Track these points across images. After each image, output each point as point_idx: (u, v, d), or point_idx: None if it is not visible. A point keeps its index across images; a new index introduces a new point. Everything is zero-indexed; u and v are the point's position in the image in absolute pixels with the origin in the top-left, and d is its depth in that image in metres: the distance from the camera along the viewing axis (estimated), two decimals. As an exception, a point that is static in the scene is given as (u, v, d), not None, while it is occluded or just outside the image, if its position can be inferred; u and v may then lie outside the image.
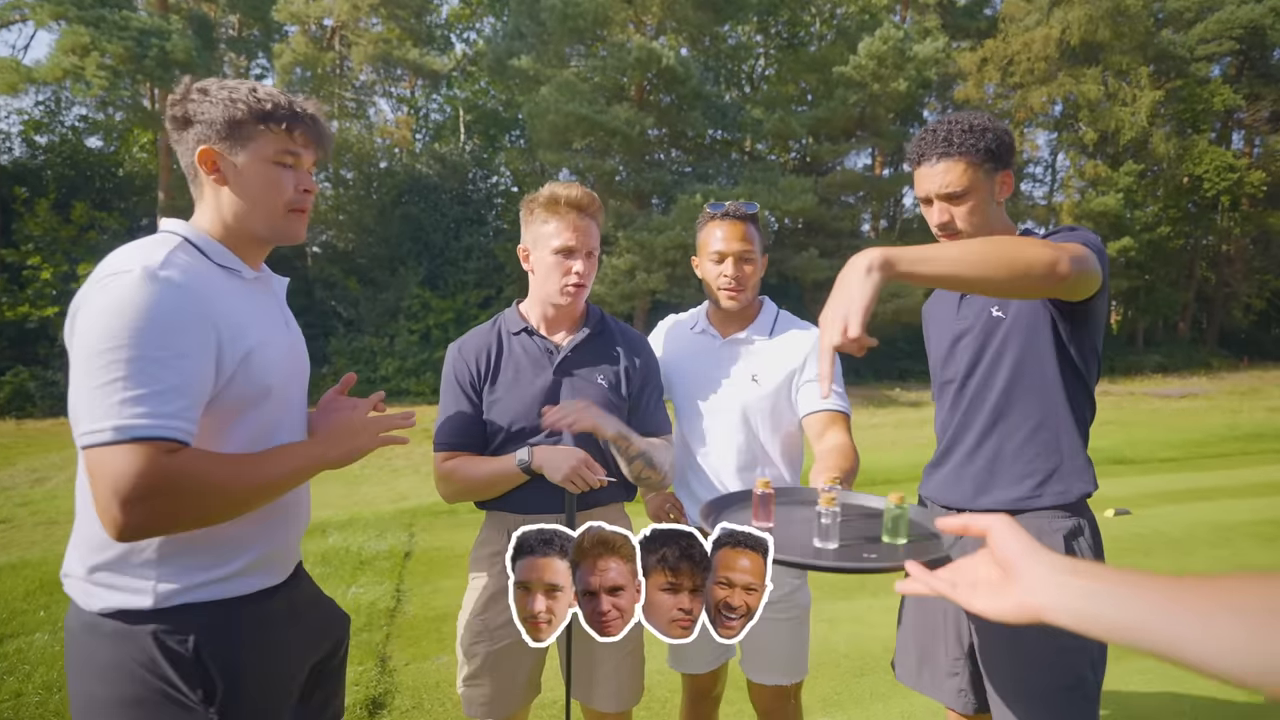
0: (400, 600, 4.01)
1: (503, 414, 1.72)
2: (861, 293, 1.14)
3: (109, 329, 1.05)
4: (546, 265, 1.73)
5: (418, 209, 19.37)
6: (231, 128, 1.21)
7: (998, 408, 1.62)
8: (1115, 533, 5.10)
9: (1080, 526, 1.58)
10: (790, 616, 1.89)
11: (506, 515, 1.73)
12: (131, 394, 1.04)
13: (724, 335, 1.97)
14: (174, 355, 1.07)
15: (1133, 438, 9.92)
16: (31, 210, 15.48)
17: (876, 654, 3.28)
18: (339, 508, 6.01)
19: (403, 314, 18.25)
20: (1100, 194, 22.43)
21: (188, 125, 1.23)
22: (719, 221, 1.90)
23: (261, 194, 1.25)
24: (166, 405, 1.06)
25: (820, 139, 21.52)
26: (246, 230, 1.27)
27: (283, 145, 1.25)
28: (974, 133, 1.56)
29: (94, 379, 1.04)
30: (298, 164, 1.28)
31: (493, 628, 1.71)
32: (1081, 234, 1.49)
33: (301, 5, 20.34)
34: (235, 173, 1.23)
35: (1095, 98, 22.33)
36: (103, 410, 1.03)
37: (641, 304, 18.12)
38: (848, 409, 1.90)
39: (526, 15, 18.58)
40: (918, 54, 19.66)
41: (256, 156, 1.23)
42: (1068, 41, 21.85)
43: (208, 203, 1.26)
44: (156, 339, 1.06)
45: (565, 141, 18.18)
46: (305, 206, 1.31)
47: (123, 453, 1.03)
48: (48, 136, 18.25)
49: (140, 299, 1.06)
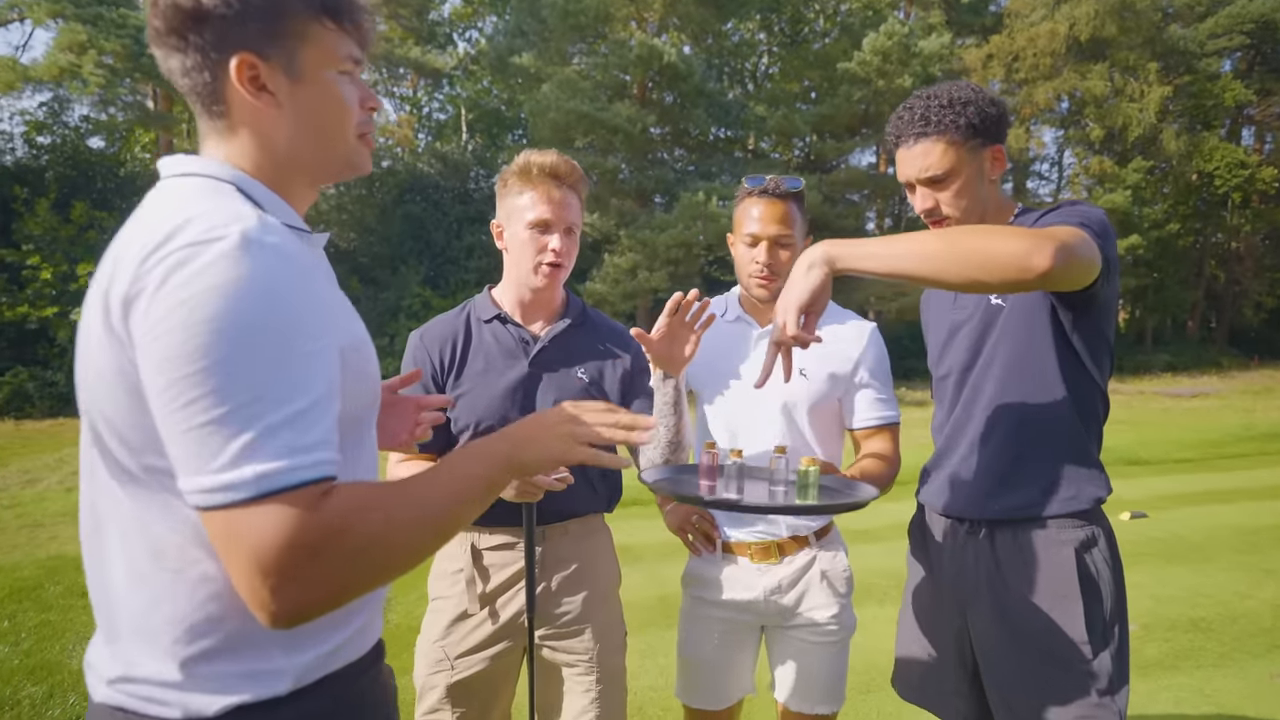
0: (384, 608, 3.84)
1: (469, 410, 1.54)
2: (800, 290, 1.16)
3: (214, 331, 0.70)
4: (520, 241, 1.54)
5: (419, 208, 19.27)
6: (276, 22, 0.84)
7: (997, 405, 1.45)
8: (1132, 536, 4.90)
9: (1094, 536, 1.41)
10: (836, 640, 1.71)
11: (469, 528, 1.55)
12: (266, 424, 0.71)
13: (762, 324, 1.77)
14: (308, 355, 0.75)
15: (1145, 437, 9.69)
16: (31, 210, 15.39)
17: (883, 668, 3.05)
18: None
19: (403, 313, 18.15)
20: (1108, 191, 22.17)
21: (201, 23, 0.81)
22: (756, 199, 1.69)
23: (329, 118, 0.89)
24: (309, 433, 0.73)
25: (824, 136, 21.33)
26: (304, 169, 0.91)
27: (347, 48, 0.90)
28: (953, 107, 1.39)
29: (204, 408, 0.70)
30: (356, 73, 0.93)
31: (454, 656, 1.52)
32: (1081, 211, 1.31)
33: (302, 4, 20.26)
34: (289, 90, 0.86)
35: (1102, 94, 22.07)
36: (228, 454, 0.70)
37: (643, 303, 17.97)
38: (898, 417, 1.76)
39: (528, 13, 18.47)
40: (922, 50, 19.45)
41: (317, 63, 0.87)
42: (1074, 37, 21.59)
43: (244, 139, 0.87)
44: (287, 338, 0.73)
45: (567, 140, 18.05)
46: (372, 131, 0.96)
47: (268, 513, 0.70)
48: (50, 137, 18.23)
49: (256, 280, 0.72)
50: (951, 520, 1.52)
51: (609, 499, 1.65)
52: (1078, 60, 22.31)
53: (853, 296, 19.23)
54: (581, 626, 1.56)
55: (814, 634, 1.70)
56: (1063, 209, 1.35)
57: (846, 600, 1.74)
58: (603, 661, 1.57)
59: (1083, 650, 1.35)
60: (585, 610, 1.57)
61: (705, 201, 16.38)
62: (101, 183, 17.82)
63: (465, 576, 1.52)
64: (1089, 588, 1.38)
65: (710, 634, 1.74)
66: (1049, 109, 23.39)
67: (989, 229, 1.20)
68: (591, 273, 17.68)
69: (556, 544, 1.56)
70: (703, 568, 1.77)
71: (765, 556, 1.70)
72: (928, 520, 1.61)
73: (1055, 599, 1.38)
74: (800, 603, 1.70)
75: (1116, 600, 1.41)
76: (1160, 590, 4.05)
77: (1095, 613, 1.37)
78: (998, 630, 1.43)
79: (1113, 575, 1.42)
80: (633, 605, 3.79)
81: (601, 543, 1.65)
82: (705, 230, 16.26)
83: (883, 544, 4.35)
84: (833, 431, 1.76)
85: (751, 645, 1.78)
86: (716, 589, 1.74)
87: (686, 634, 1.80)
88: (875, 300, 18.78)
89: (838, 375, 1.71)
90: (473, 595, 1.51)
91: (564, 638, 1.56)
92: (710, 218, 15.94)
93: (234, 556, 0.72)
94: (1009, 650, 1.41)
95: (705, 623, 1.75)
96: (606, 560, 1.66)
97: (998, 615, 1.43)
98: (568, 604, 1.56)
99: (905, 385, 17.48)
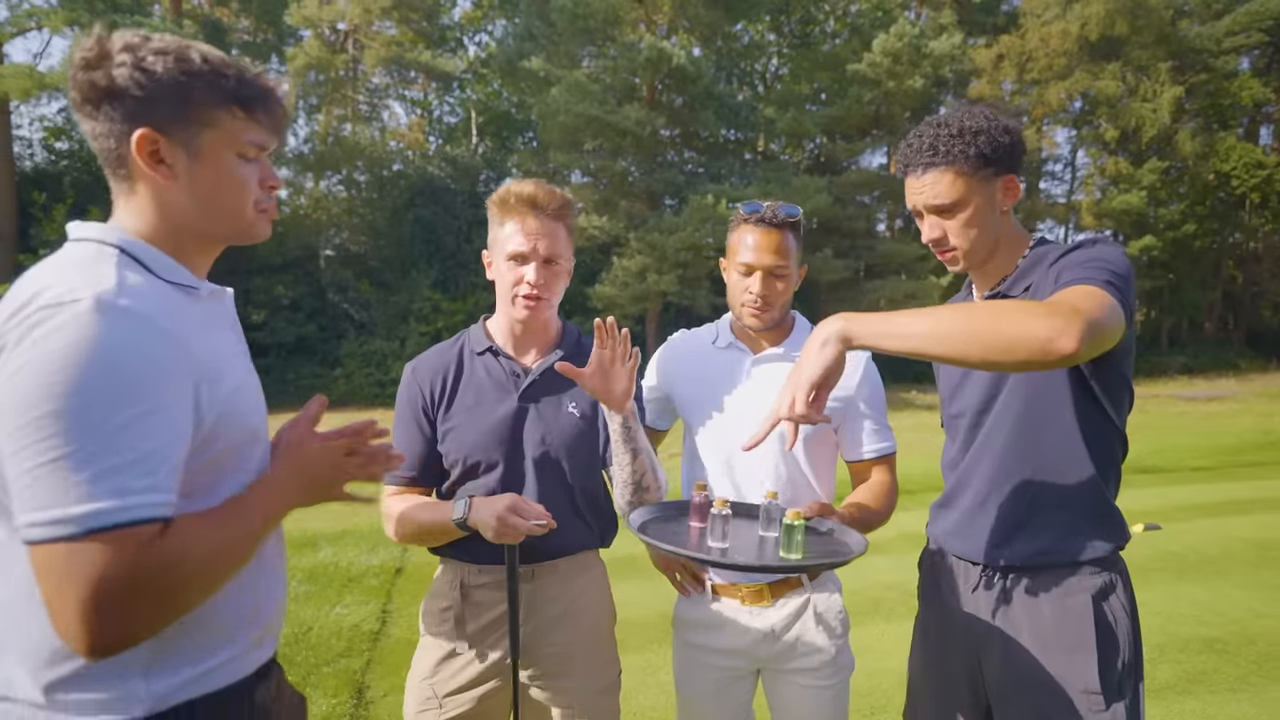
0: (386, 622, 3.83)
1: (458, 444, 1.52)
2: (814, 368, 1.14)
3: (57, 384, 0.77)
4: (500, 273, 1.52)
5: (429, 211, 19.33)
6: (182, 107, 0.92)
7: (1011, 451, 1.40)
8: (1145, 550, 4.81)
9: (1111, 583, 1.37)
10: (833, 683, 1.67)
11: (459, 564, 1.53)
12: (97, 469, 0.78)
13: (755, 351, 1.73)
14: (147, 411, 0.82)
15: (1159, 444, 9.53)
16: (49, 215, 15.58)
17: (889, 690, 3.04)
18: (332, 519, 5.86)
19: (414, 316, 18.22)
20: (1122, 192, 21.91)
21: (112, 98, 0.90)
22: (752, 226, 1.64)
23: (223, 195, 0.97)
24: (143, 477, 0.81)
25: (834, 138, 21.25)
26: (198, 235, 0.99)
27: (252, 135, 0.97)
28: (963, 137, 1.34)
29: (39, 452, 0.77)
30: (260, 155, 1.01)
31: (442, 695, 1.49)
32: (1104, 261, 1.24)
33: (314, 9, 20.37)
34: (187, 166, 0.94)
35: (1115, 94, 21.82)
36: (57, 493, 0.77)
37: (653, 306, 17.94)
38: (894, 446, 1.74)
39: (537, 16, 18.50)
40: (933, 51, 19.32)
41: (217, 146, 0.95)
42: (1086, 37, 21.35)
43: (142, 200, 0.96)
44: (126, 393, 0.80)
45: (576, 142, 18.06)
46: (272, 207, 1.04)
47: (91, 550, 0.77)
48: (67, 142, 18.46)
49: (99, 341, 0.80)
50: (965, 562, 1.48)
51: (602, 535, 1.61)
52: (1090, 60, 22.08)
53: (861, 301, 19.11)
54: (569, 667, 1.53)
55: (811, 678, 1.66)
56: (1083, 252, 1.29)
57: (843, 640, 1.69)
58: (591, 704, 1.54)
59: (1094, 701, 1.32)
60: (574, 650, 1.54)
61: (714, 204, 16.33)
62: (116, 188, 18.06)
63: (454, 614, 1.50)
64: (1105, 636, 1.34)
65: (704, 678, 1.71)
66: (1062, 109, 23.15)
67: (1012, 307, 1.13)
68: (600, 276, 17.67)
69: (544, 583, 1.53)
70: (692, 610, 1.73)
71: (757, 600, 1.66)
72: (939, 559, 1.57)
73: (1070, 647, 1.34)
74: (795, 646, 1.66)
75: (1133, 650, 1.37)
76: (1172, 608, 3.97)
77: (1110, 662, 1.34)
78: (1010, 675, 1.39)
79: (1131, 624, 1.38)
80: (635, 622, 3.77)
81: (594, 580, 1.62)
82: (714, 233, 16.21)
83: (892, 556, 4.28)
84: (828, 462, 1.72)
85: (747, 686, 1.74)
86: (706, 633, 1.70)
87: (682, 672, 1.76)
88: (886, 304, 18.64)
89: (834, 405, 1.66)
90: (461, 633, 1.49)
91: (552, 677, 1.53)
92: (719, 220, 15.88)
93: (55, 589, 0.78)
94: (1021, 695, 1.38)
95: (700, 667, 1.72)
96: (598, 598, 1.62)
97: (1010, 660, 1.39)
98: (555, 644, 1.52)
99: (916, 389, 17.32)
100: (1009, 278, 1.42)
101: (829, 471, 1.74)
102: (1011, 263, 1.43)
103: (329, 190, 21.88)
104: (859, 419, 1.69)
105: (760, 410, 1.65)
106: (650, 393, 1.82)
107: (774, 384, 1.66)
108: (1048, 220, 25.19)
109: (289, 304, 17.91)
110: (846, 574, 1.69)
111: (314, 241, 20.06)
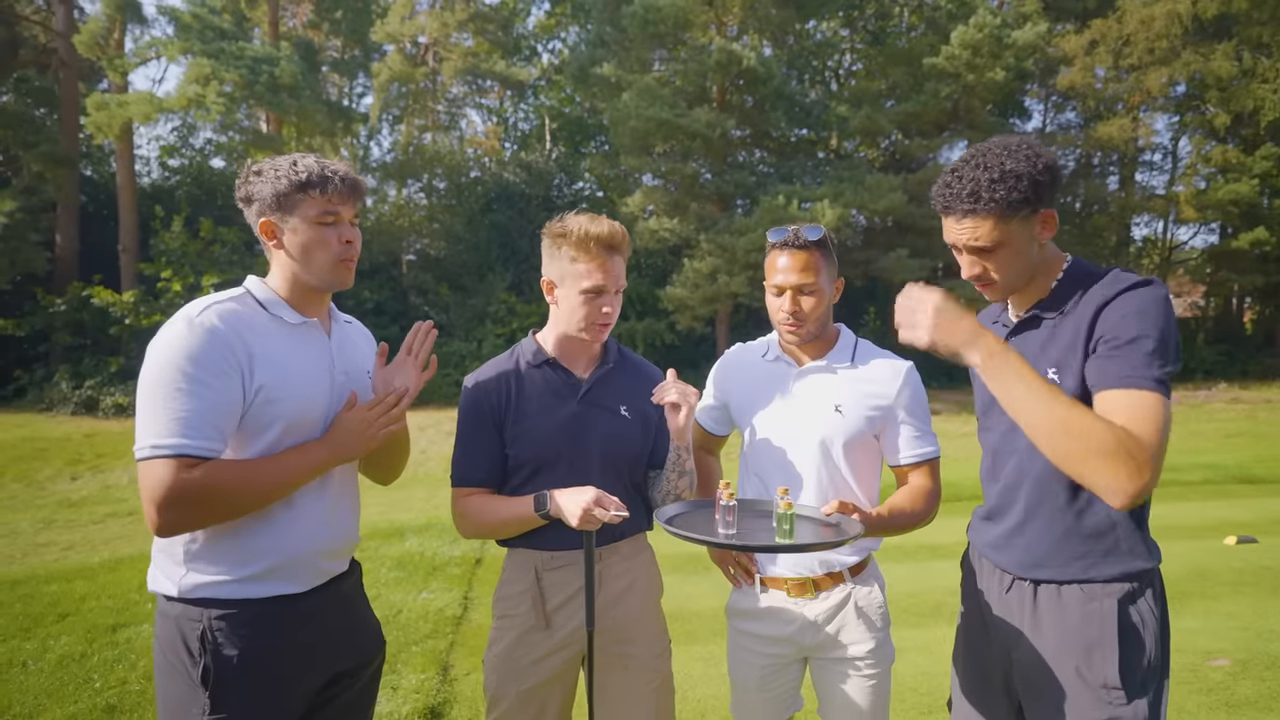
0: (467, 608, 4.13)
1: (525, 447, 1.72)
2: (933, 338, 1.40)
3: (153, 365, 1.34)
4: (573, 303, 1.71)
5: (505, 216, 19.98)
6: (280, 199, 1.45)
7: (1047, 479, 1.48)
8: (1236, 564, 4.59)
9: (1139, 590, 1.44)
10: (875, 673, 1.80)
11: (530, 552, 1.74)
12: (165, 418, 1.31)
13: (800, 364, 1.87)
14: (197, 385, 1.33)
15: (1265, 453, 8.91)
16: (168, 227, 16.99)
17: (945, 691, 3.08)
18: (419, 511, 6.25)
19: (490, 318, 18.87)
20: (1230, 181, 20.37)
21: (250, 203, 1.47)
22: (780, 250, 1.79)
23: (311, 252, 1.48)
24: (191, 427, 1.32)
25: (910, 134, 20.64)
26: (303, 284, 1.51)
27: (322, 207, 1.46)
28: (1005, 181, 1.37)
29: (143, 406, 1.34)
30: (338, 220, 1.48)
31: (521, 667, 1.71)
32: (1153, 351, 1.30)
33: (396, 25, 21.40)
34: (288, 236, 1.47)
35: (1228, 75, 20.26)
36: (145, 431, 1.32)
37: (723, 307, 17.95)
38: (938, 451, 1.83)
39: (609, 23, 18.79)
40: (1016, 40, 18.51)
41: (303, 220, 1.46)
42: (1199, 15, 19.87)
43: (274, 263, 1.51)
44: (183, 372, 1.32)
45: (647, 146, 18.24)
46: (351, 256, 1.52)
47: (156, 466, 1.31)
48: (179, 159, 20.10)
49: (176, 341, 1.35)
50: (999, 570, 1.58)
51: (648, 518, 1.83)
52: (1198, 40, 20.61)
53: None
54: (633, 634, 1.76)
55: (852, 667, 1.80)
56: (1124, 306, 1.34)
57: (884, 634, 1.82)
58: (651, 666, 1.76)
59: (1115, 696, 1.38)
60: (636, 619, 1.77)
61: (786, 205, 16.22)
62: (222, 200, 19.45)
63: (530, 595, 1.71)
64: (1130, 635, 1.40)
65: (754, 664, 1.87)
66: (1162, 95, 21.70)
67: (1099, 429, 1.23)
68: (671, 277, 17.83)
69: (610, 562, 1.75)
70: (743, 600, 1.90)
71: (801, 592, 1.81)
72: (977, 561, 1.67)
73: (1092, 643, 1.41)
74: (838, 637, 1.80)
75: (1160, 652, 1.42)
76: (1260, 624, 3.81)
77: (1134, 660, 1.39)
78: (1035, 670, 1.48)
79: (1159, 628, 1.43)
80: (697, 614, 3.93)
81: (648, 559, 1.85)
82: (785, 234, 16.07)
83: (954, 561, 4.27)
84: (871, 467, 1.84)
85: (795, 673, 1.89)
86: (756, 622, 1.86)
87: (733, 659, 1.93)
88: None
89: (874, 413, 1.79)
90: (539, 611, 1.71)
91: (618, 644, 1.75)
92: (790, 221, 15.72)
93: (141, 489, 1.33)
94: (1045, 690, 1.46)
95: (748, 654, 1.88)
96: (652, 575, 1.85)
97: (1037, 659, 1.48)
98: (621, 614, 1.75)
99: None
100: (1044, 300, 1.50)
101: (872, 476, 1.86)
102: (1047, 285, 1.50)
103: (410, 198, 22.94)
104: (898, 425, 1.80)
105: (801, 419, 1.82)
106: (709, 400, 2.01)
107: (814, 393, 1.83)
108: (1144, 214, 23.72)
109: (373, 307, 18.81)
110: (909, 578, 1.80)
111: (396, 247, 21.06)
